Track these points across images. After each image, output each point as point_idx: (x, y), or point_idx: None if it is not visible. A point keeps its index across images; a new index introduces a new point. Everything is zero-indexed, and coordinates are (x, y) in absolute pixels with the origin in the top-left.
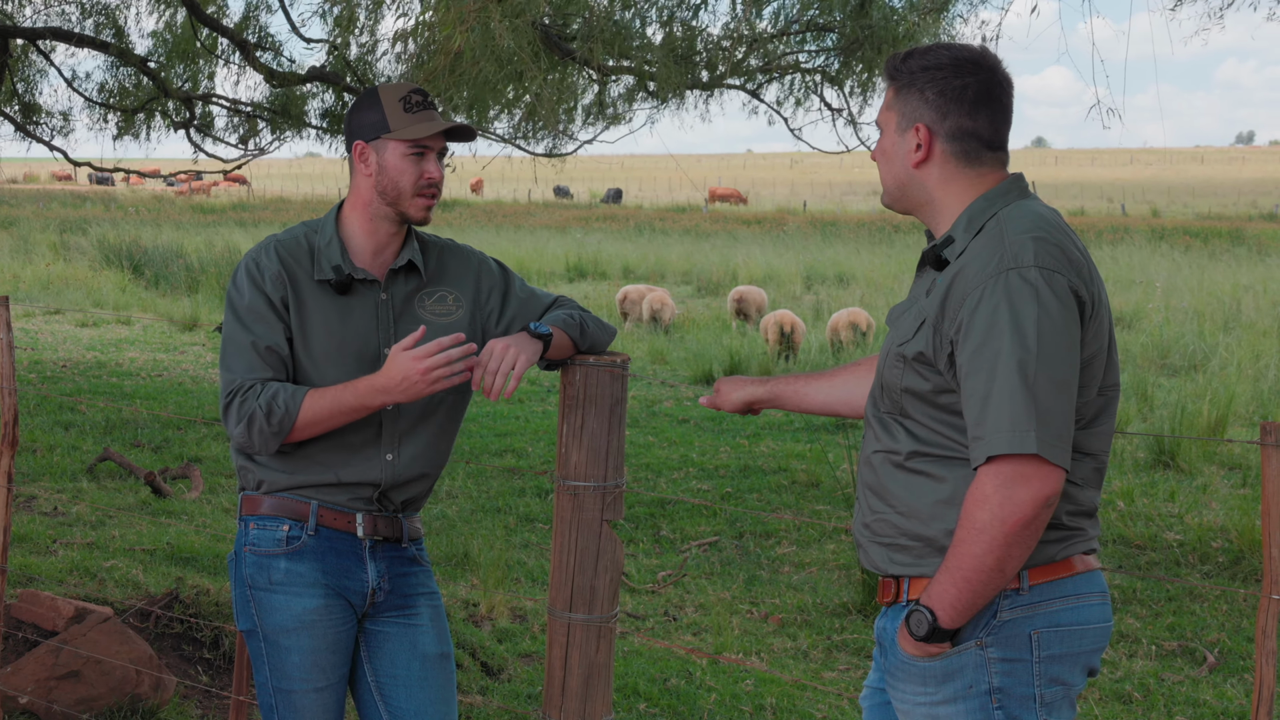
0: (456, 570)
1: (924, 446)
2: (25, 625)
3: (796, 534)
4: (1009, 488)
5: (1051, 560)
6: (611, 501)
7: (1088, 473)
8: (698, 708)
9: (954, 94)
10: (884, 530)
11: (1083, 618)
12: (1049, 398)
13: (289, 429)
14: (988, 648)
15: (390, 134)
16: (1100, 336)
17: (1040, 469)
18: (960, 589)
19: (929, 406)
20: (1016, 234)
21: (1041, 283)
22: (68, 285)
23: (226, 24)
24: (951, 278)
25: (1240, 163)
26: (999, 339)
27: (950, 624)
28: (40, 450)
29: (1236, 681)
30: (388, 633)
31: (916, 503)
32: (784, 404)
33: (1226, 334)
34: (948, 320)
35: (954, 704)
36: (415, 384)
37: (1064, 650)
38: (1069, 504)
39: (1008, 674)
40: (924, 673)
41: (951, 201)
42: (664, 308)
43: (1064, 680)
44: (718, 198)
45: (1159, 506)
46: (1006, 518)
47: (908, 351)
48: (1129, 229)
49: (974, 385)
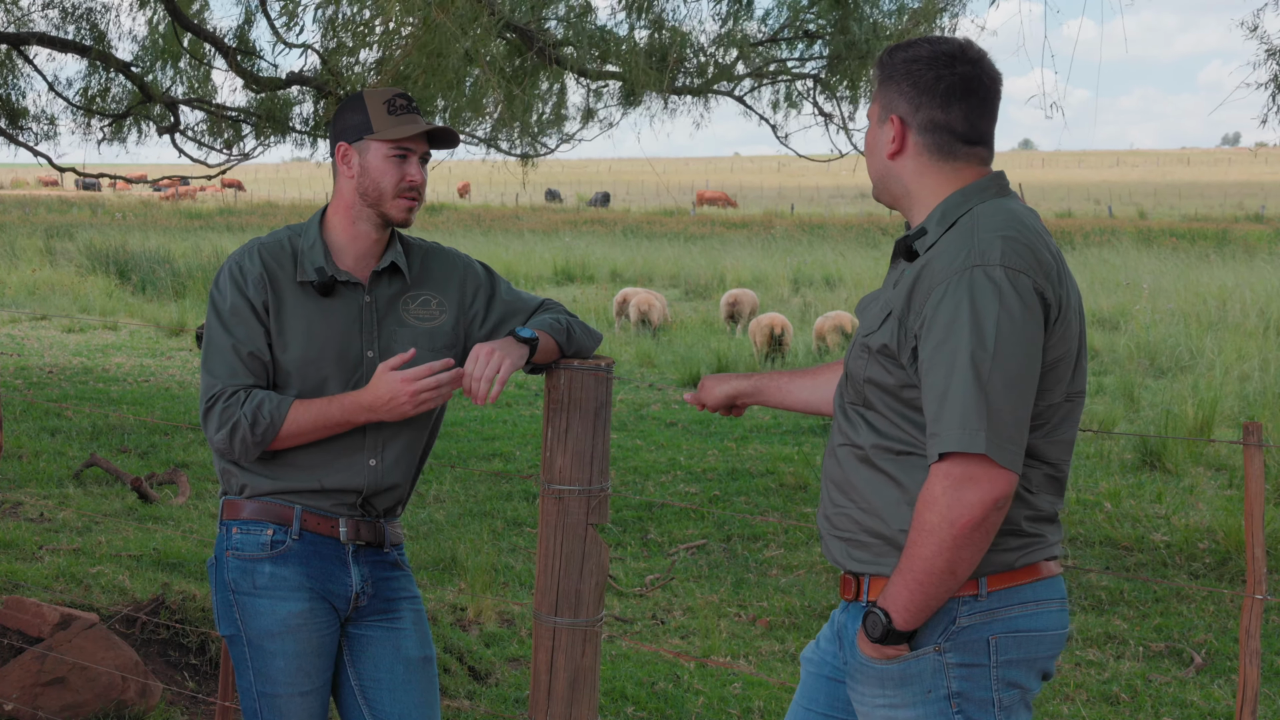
0: (444, 574)
1: (886, 441)
2: (10, 632)
3: (784, 537)
4: (957, 489)
5: (1010, 567)
6: (596, 505)
7: (1042, 479)
8: (685, 711)
9: (926, 86)
10: (844, 525)
11: (1040, 624)
12: (1001, 398)
13: (272, 439)
14: (946, 653)
15: (373, 135)
16: (1067, 341)
17: (989, 471)
18: (913, 591)
19: (893, 399)
20: (986, 231)
21: (1005, 282)
22: (54, 291)
23: (209, 28)
24: (919, 271)
25: (1226, 165)
26: (958, 336)
27: (905, 626)
28: (26, 456)
29: (1224, 682)
30: (371, 636)
31: (878, 499)
32: (767, 399)
33: (1213, 335)
34: (913, 314)
35: (913, 708)
36: (402, 405)
37: (1021, 656)
38: (1027, 509)
39: (966, 678)
40: (882, 675)
41: (926, 194)
42: (651, 309)
43: (1020, 684)
44: (705, 201)
45: (1146, 508)
46: (955, 520)
47: (872, 343)
48: (1116, 231)
49: (932, 382)
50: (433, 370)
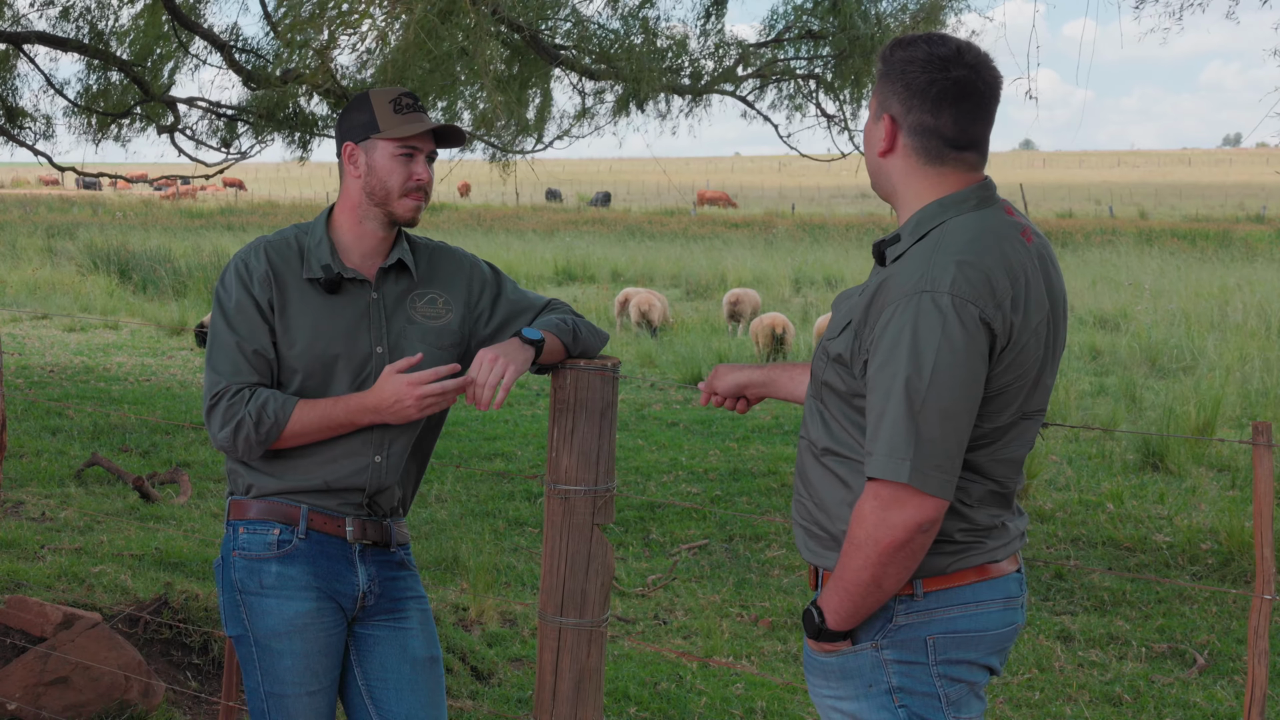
0: (446, 574)
1: (835, 445)
2: (13, 631)
3: (786, 537)
4: (884, 510)
5: (943, 572)
6: (602, 506)
7: (983, 494)
8: (688, 711)
9: (919, 89)
10: (803, 516)
11: (980, 625)
12: (932, 428)
13: (276, 438)
14: (883, 649)
15: (379, 134)
16: (1019, 367)
17: (914, 496)
18: (842, 598)
19: (845, 406)
20: (945, 254)
21: (951, 311)
22: (55, 290)
23: (208, 26)
24: (879, 283)
25: (1227, 165)
26: (898, 361)
27: (837, 627)
28: (27, 455)
29: (1226, 683)
30: (377, 636)
31: (827, 496)
32: (778, 390)
33: (1214, 336)
34: (868, 327)
35: (856, 701)
36: (407, 408)
37: (960, 656)
38: (962, 522)
39: (905, 674)
40: (825, 668)
41: (910, 197)
42: (652, 309)
43: (964, 679)
44: (706, 201)
45: (1148, 508)
46: (880, 539)
47: (830, 350)
48: (1117, 231)
49: (873, 402)
50: (439, 375)
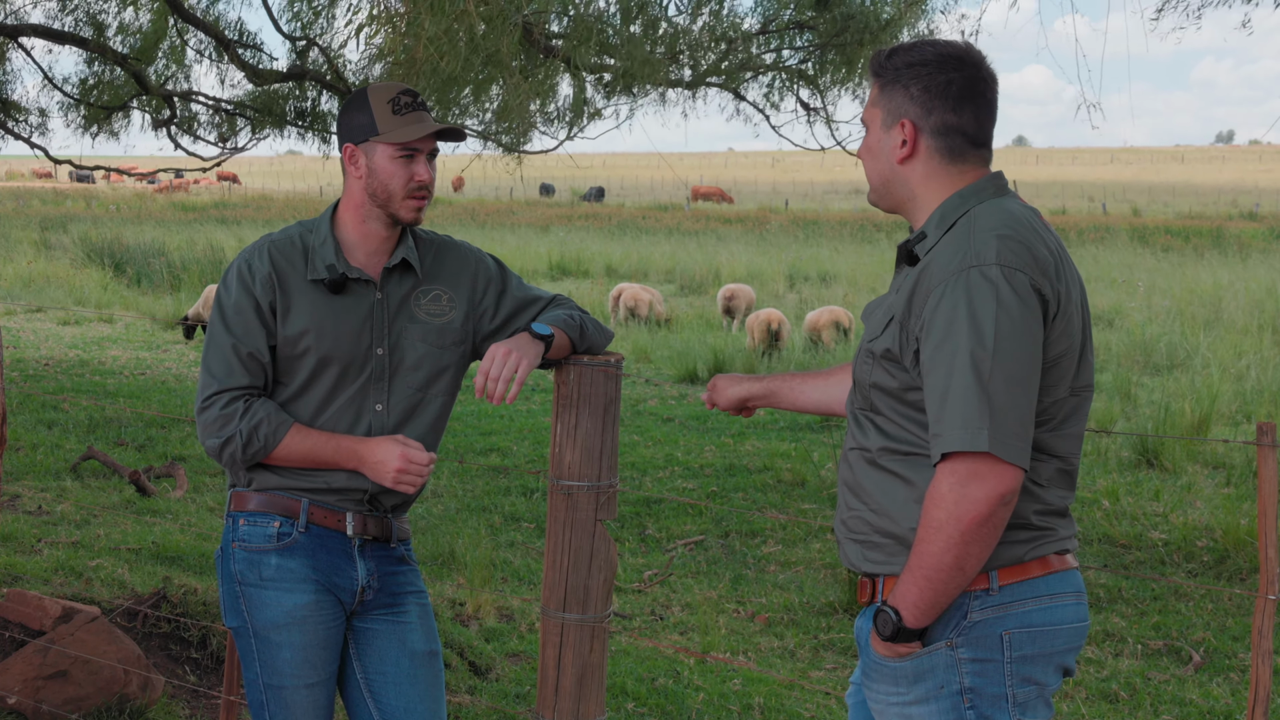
0: (442, 569)
1: (893, 443)
2: (12, 625)
3: (782, 533)
4: (964, 486)
5: (1020, 560)
6: (605, 501)
7: (1052, 473)
8: (686, 707)
9: (939, 90)
10: (859, 528)
11: (1056, 618)
12: (1003, 395)
13: (261, 459)
14: (958, 648)
15: (378, 137)
16: (1069, 336)
17: (995, 467)
18: (922, 588)
19: (897, 403)
20: (982, 232)
21: (1002, 280)
22: (49, 283)
23: (208, 20)
24: (918, 274)
25: (1220, 162)
26: (957, 336)
27: (915, 623)
28: (23, 449)
29: (1222, 680)
30: (376, 630)
31: (887, 500)
32: (779, 401)
33: (1208, 333)
34: (914, 317)
35: (926, 704)
36: (386, 475)
37: (1036, 650)
38: (1035, 504)
39: (979, 674)
40: (895, 673)
41: (931, 198)
42: (639, 303)
43: (1037, 680)
44: (700, 196)
45: (1144, 506)
46: (962, 516)
47: (876, 348)
48: (1110, 228)
49: (933, 382)
50: (431, 460)
